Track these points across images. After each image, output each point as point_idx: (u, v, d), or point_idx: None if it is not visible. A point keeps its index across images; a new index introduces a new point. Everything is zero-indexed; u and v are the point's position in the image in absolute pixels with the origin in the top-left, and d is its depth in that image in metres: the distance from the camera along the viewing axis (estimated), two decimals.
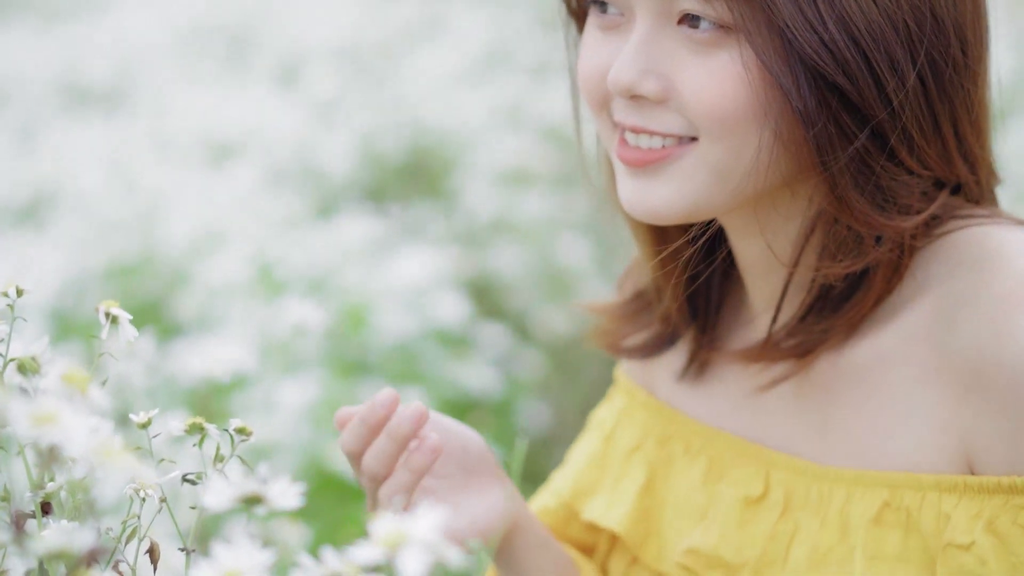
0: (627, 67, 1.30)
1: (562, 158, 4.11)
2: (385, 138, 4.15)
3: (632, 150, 1.32)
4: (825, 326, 1.35)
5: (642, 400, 1.56)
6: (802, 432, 1.40)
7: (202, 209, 3.38)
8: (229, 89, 4.34)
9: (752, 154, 1.29)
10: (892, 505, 1.32)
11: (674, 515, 1.48)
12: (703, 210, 1.33)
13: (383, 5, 5.17)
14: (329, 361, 3.05)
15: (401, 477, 1.37)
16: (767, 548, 1.39)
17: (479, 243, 3.90)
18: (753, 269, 1.42)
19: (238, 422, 1.16)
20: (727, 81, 1.27)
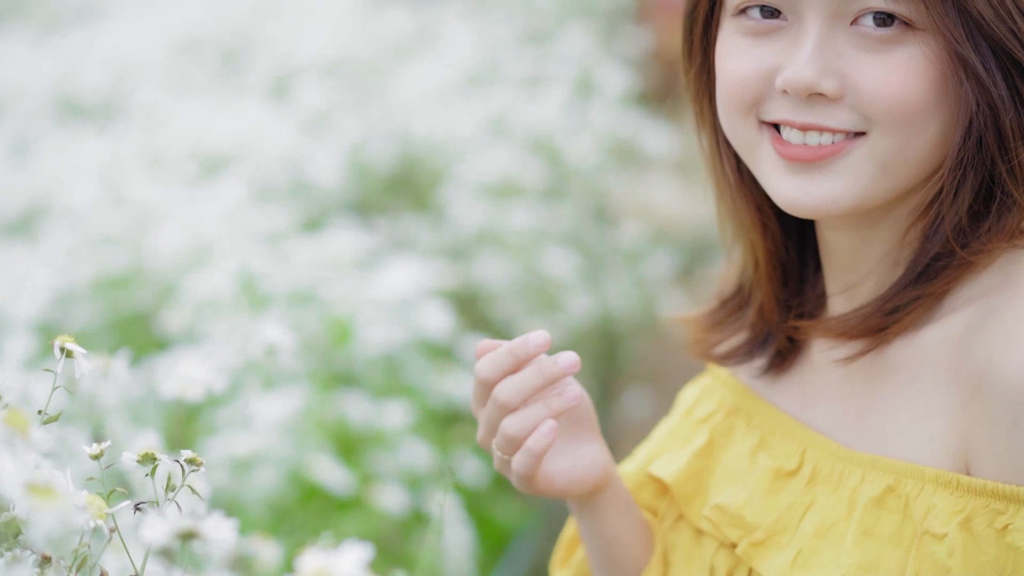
0: (806, 67, 1.38)
1: (548, 171, 4.16)
2: (374, 151, 4.20)
3: (799, 147, 1.41)
4: (914, 294, 1.44)
5: (724, 379, 1.66)
6: (841, 417, 1.50)
7: (191, 222, 3.42)
8: (221, 103, 4.38)
9: (918, 145, 1.39)
10: (895, 491, 1.41)
11: (721, 479, 1.58)
12: (866, 203, 1.42)
13: (373, 20, 5.21)
14: (314, 373, 3.09)
15: (535, 411, 1.46)
16: (783, 515, 1.49)
17: (465, 255, 3.94)
18: (840, 265, 1.52)
19: (189, 453, 1.21)
20: (908, 75, 1.37)
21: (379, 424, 3.06)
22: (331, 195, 4.00)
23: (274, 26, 5.17)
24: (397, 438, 3.07)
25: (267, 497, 2.70)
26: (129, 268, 3.43)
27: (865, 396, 1.48)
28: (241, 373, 2.69)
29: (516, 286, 3.90)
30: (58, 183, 3.84)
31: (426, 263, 3.55)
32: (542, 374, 1.45)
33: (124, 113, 4.55)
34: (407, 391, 3.27)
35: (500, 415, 1.47)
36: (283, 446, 2.77)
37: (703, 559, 1.58)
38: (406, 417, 3.07)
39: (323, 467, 2.84)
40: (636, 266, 4.34)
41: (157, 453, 1.23)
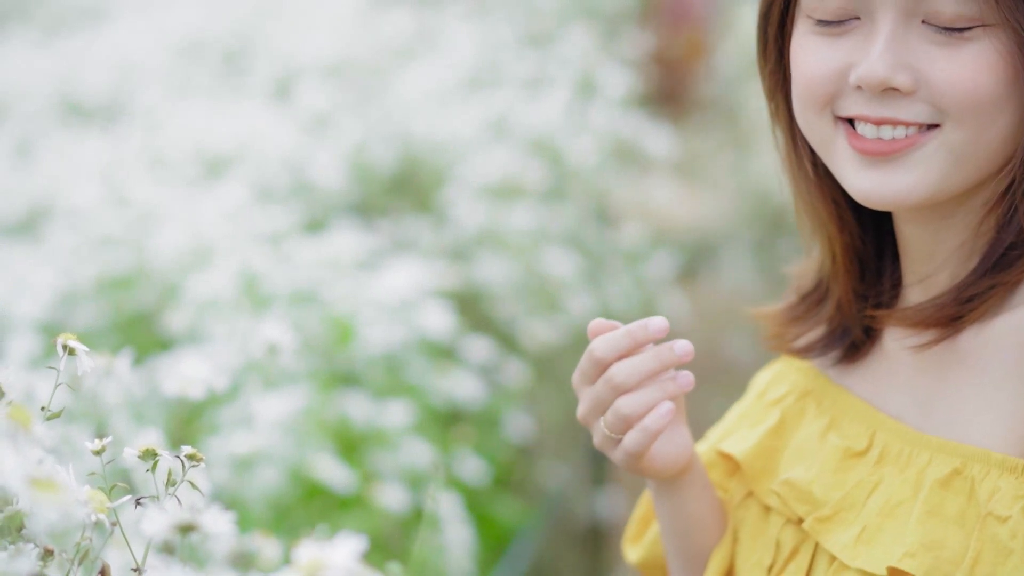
0: (880, 63, 1.44)
1: (549, 172, 4.18)
2: (375, 152, 4.22)
3: (874, 141, 1.47)
4: (990, 283, 1.49)
5: (797, 364, 1.70)
6: (911, 402, 1.55)
7: (193, 223, 3.44)
8: (222, 104, 4.40)
9: (990, 136, 1.44)
10: (961, 473, 1.46)
11: (790, 459, 1.63)
12: (940, 195, 1.48)
13: (374, 21, 5.23)
14: (316, 373, 3.11)
15: (651, 393, 1.52)
16: (850, 492, 1.54)
17: (466, 255, 3.96)
18: (916, 256, 1.57)
19: (190, 449, 1.22)
20: (979, 69, 1.42)
21: (380, 423, 3.08)
22: (332, 196, 4.02)
23: (275, 27, 5.19)
24: (398, 437, 3.09)
25: (268, 495, 2.72)
26: (131, 268, 3.45)
27: (935, 382, 1.53)
28: (243, 373, 2.71)
29: (517, 286, 3.92)
30: (61, 184, 3.85)
31: (427, 263, 3.57)
32: (659, 359, 1.51)
33: (126, 114, 4.57)
34: (408, 391, 3.29)
35: (614, 395, 1.52)
36: (284, 445, 2.79)
37: (769, 535, 1.63)
38: (407, 416, 3.09)
39: (324, 466, 2.86)
40: (636, 267, 4.36)
41: (158, 449, 1.24)
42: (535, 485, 4.17)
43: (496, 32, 5.12)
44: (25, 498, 0.86)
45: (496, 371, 3.70)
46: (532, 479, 4.15)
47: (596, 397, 1.54)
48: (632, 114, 4.49)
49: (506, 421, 3.67)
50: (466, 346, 3.56)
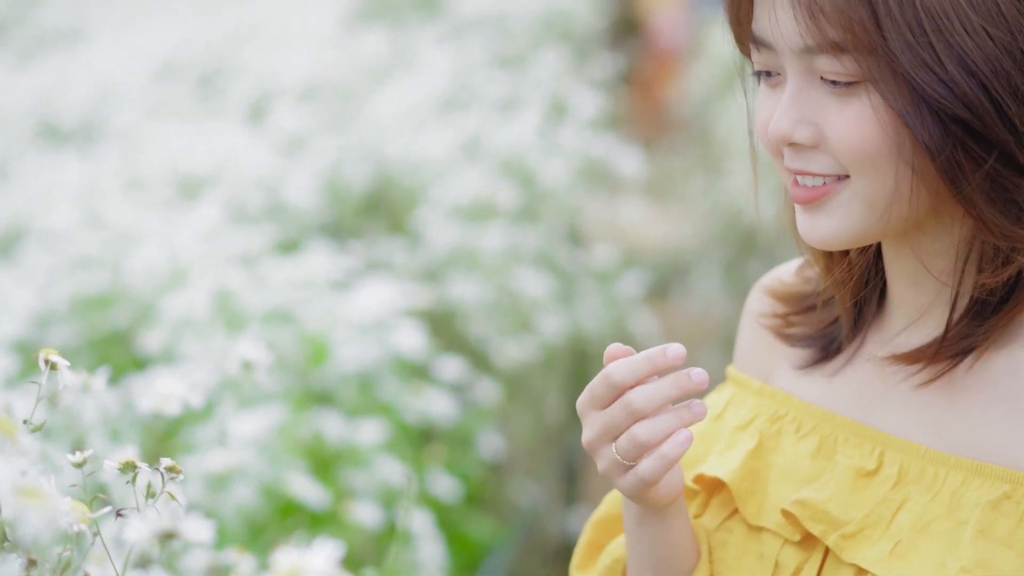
0: (782, 119, 1.49)
1: (521, 193, 4.22)
2: (349, 173, 4.26)
3: (800, 189, 1.51)
4: (986, 328, 1.52)
5: (755, 388, 1.72)
6: (919, 423, 1.57)
7: (169, 243, 3.47)
8: (198, 126, 4.43)
9: (898, 182, 1.46)
10: (1013, 497, 1.48)
11: (780, 479, 1.63)
12: (864, 237, 1.51)
13: (349, 44, 5.27)
14: (291, 391, 3.14)
15: (668, 421, 1.50)
16: (874, 510, 1.55)
17: (439, 275, 4.00)
18: (902, 282, 1.59)
19: (168, 461, 1.26)
20: (862, 125, 1.45)
21: (354, 441, 3.11)
22: (307, 216, 4.06)
23: (251, 50, 5.23)
24: (371, 455, 3.12)
25: (243, 512, 2.75)
26: (107, 288, 3.48)
27: (949, 405, 1.56)
28: (218, 391, 2.74)
29: (489, 306, 3.96)
30: (38, 205, 3.88)
31: (400, 283, 3.61)
32: (678, 386, 1.50)
33: (103, 136, 4.60)
34: (382, 409, 3.32)
35: (630, 420, 1.51)
36: (259, 463, 2.82)
37: (762, 555, 1.64)
38: (380, 434, 3.12)
39: (298, 483, 2.89)
40: (608, 286, 4.40)
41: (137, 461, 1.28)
42: (507, 503, 4.20)
43: (469, 54, 5.17)
44: (11, 507, 0.90)
45: (468, 390, 3.74)
46: (504, 497, 4.19)
47: (609, 422, 1.52)
48: (603, 135, 4.53)
49: (478, 439, 3.70)
50: (439, 365, 3.59)
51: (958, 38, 1.42)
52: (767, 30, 1.50)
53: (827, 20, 1.44)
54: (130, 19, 6.10)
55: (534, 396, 4.28)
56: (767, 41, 1.51)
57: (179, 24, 5.72)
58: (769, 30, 1.50)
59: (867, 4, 1.43)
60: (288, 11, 5.87)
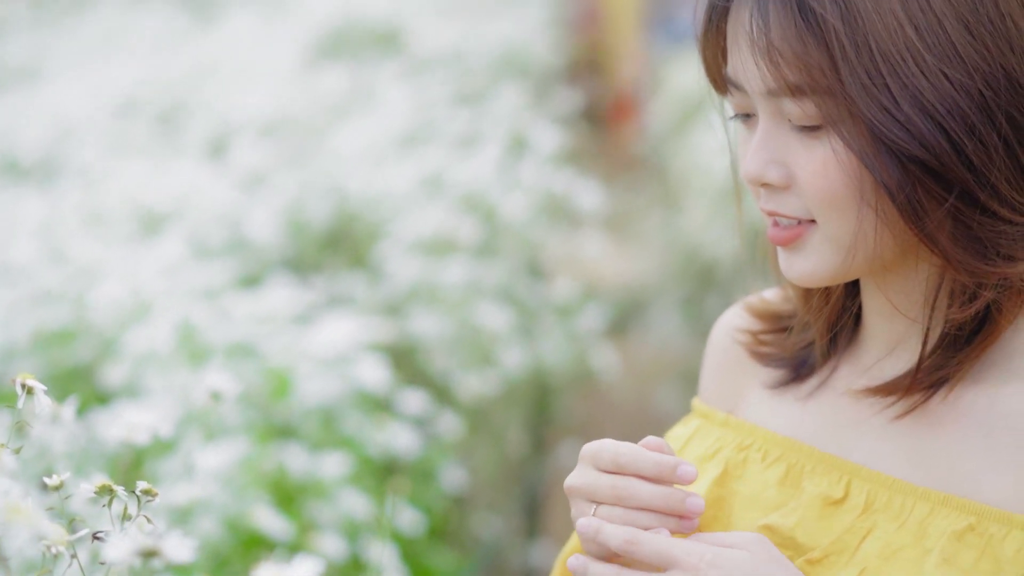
0: (753, 160, 1.53)
1: (482, 227, 4.24)
2: (310, 209, 4.27)
3: (777, 230, 1.54)
4: (958, 360, 1.54)
5: (720, 419, 1.74)
6: (891, 453, 1.59)
7: (131, 278, 3.47)
8: (159, 162, 4.44)
9: (868, 224, 1.49)
10: (977, 529, 1.50)
11: (745, 507, 1.65)
12: (838, 277, 1.54)
13: (310, 80, 5.29)
14: (254, 425, 3.15)
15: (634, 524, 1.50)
16: (840, 537, 1.56)
17: (401, 310, 4.01)
18: (876, 314, 1.62)
19: (145, 484, 1.27)
20: (827, 167, 1.48)
21: (318, 474, 3.12)
22: (268, 252, 4.07)
23: (211, 87, 5.24)
24: (335, 488, 3.13)
25: (208, 545, 2.75)
26: (70, 323, 3.48)
27: (925, 436, 1.57)
28: (182, 425, 2.75)
29: (451, 340, 3.98)
30: None
31: (362, 318, 3.62)
32: (667, 501, 1.51)
33: (64, 172, 4.60)
34: (345, 442, 3.33)
35: (609, 499, 1.51)
36: (223, 496, 2.82)
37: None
38: (344, 467, 3.13)
39: (263, 516, 2.90)
40: (568, 321, 4.42)
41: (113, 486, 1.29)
42: (470, 536, 4.21)
43: (429, 91, 5.20)
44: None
45: (431, 423, 3.75)
46: (466, 529, 4.20)
47: (594, 488, 1.52)
48: (563, 170, 4.57)
49: (441, 472, 3.71)
50: (401, 398, 3.60)
51: (914, 79, 1.45)
52: (738, 73, 1.54)
53: (785, 64, 1.47)
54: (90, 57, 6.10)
55: (496, 429, 4.30)
56: (739, 84, 1.54)
57: (139, 61, 5.73)
58: (740, 73, 1.53)
59: (824, 48, 1.46)
60: (247, 48, 5.89)
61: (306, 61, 5.68)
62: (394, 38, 6.36)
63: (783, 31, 1.47)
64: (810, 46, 1.46)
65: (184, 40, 6.23)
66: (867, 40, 1.45)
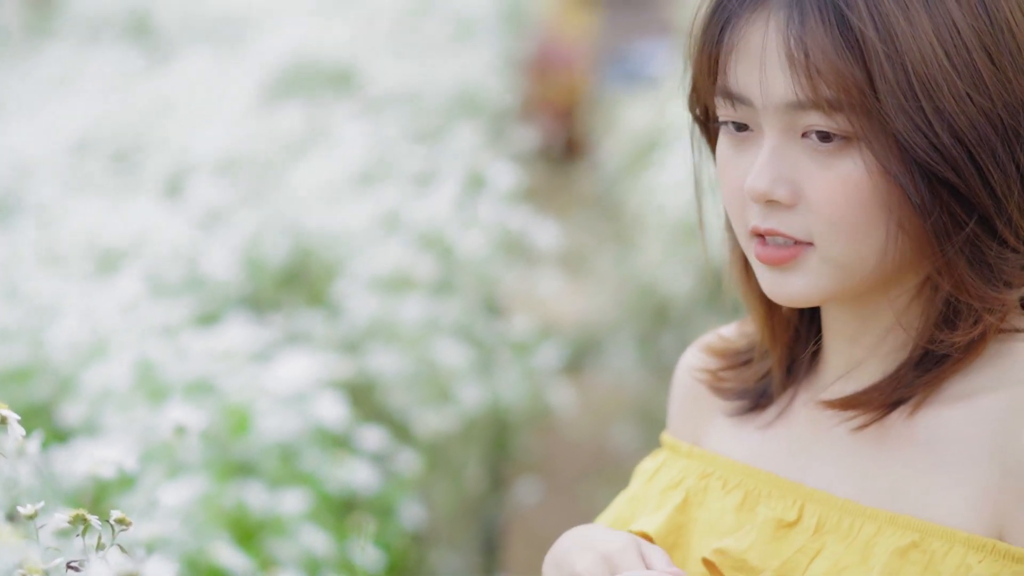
0: (762, 176, 1.53)
1: (439, 264, 4.26)
2: (268, 246, 4.28)
3: (769, 249, 1.55)
4: (925, 380, 1.57)
5: (684, 450, 1.77)
6: (844, 476, 1.62)
7: (89, 316, 3.47)
8: (115, 200, 4.44)
9: (869, 248, 1.52)
10: (920, 547, 1.53)
11: (703, 533, 1.68)
12: (830, 297, 1.57)
13: (266, 119, 5.30)
14: (212, 462, 3.15)
15: None
16: (791, 558, 1.59)
17: (359, 347, 4.02)
18: (840, 337, 1.64)
19: (119, 513, 1.28)
20: (850, 185, 1.50)
21: (277, 511, 3.12)
22: (226, 289, 4.07)
23: (166, 125, 5.25)
24: (295, 524, 3.13)
25: None
26: (27, 361, 3.47)
27: (875, 458, 1.60)
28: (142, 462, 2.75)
29: (409, 377, 3.98)
30: None
31: (320, 355, 3.62)
32: None
33: (19, 210, 4.59)
34: (304, 479, 3.33)
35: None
36: (183, 533, 2.82)
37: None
38: (303, 504, 3.13)
39: (222, 553, 2.89)
40: (525, 358, 4.43)
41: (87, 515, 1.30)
42: (429, 572, 4.21)
43: (384, 129, 5.22)
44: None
45: (389, 460, 3.75)
46: (426, 566, 4.19)
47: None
48: (519, 208, 4.59)
49: (400, 509, 3.71)
50: (360, 435, 3.61)
51: (946, 103, 1.48)
52: (749, 86, 1.54)
53: (823, 79, 1.49)
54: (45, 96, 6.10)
55: (454, 466, 4.30)
56: (745, 97, 1.55)
57: (94, 100, 5.72)
58: (751, 86, 1.54)
59: (862, 65, 1.48)
60: (202, 87, 5.90)
61: (261, 100, 5.69)
62: (348, 78, 6.38)
63: (822, 45, 1.49)
64: (849, 62, 1.49)
65: (139, 79, 6.24)
66: (903, 61, 1.48)
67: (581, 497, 5.24)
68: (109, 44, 7.13)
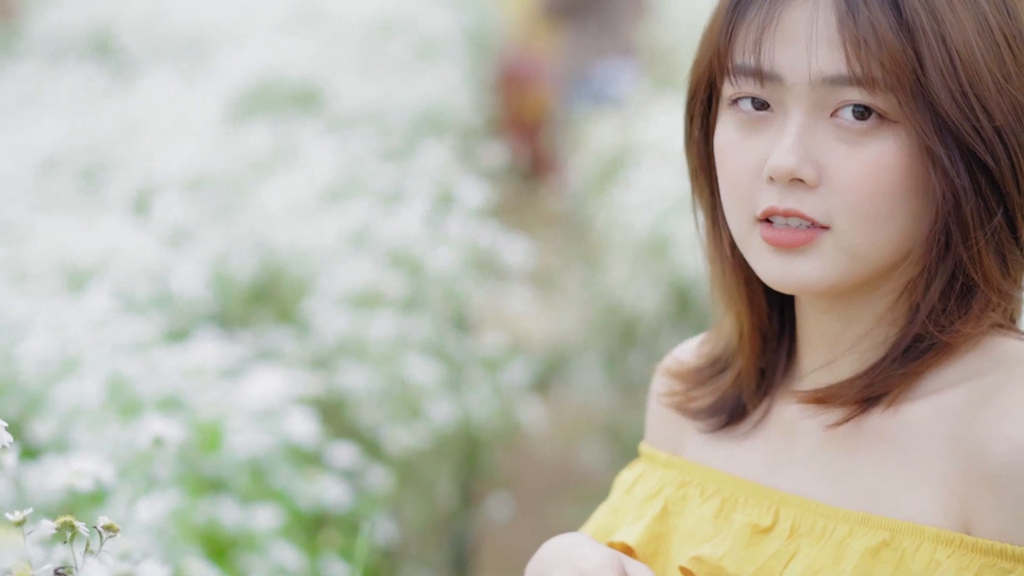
0: (789, 154, 1.54)
1: (409, 282, 4.26)
2: (237, 264, 4.27)
3: (782, 231, 1.56)
4: (902, 373, 1.59)
5: (663, 460, 1.79)
6: (819, 479, 1.64)
7: (58, 333, 3.46)
8: (83, 219, 4.43)
9: (885, 234, 1.54)
10: (891, 545, 1.55)
11: (682, 541, 1.70)
12: (844, 283, 1.58)
13: (233, 137, 5.30)
14: (184, 478, 3.14)
15: None
16: (766, 563, 1.61)
17: (329, 364, 4.02)
18: (818, 340, 1.66)
19: (106, 520, 1.28)
20: (880, 168, 1.53)
21: (249, 527, 3.11)
22: (195, 307, 4.06)
23: (134, 144, 5.24)
24: (267, 541, 3.13)
25: None
26: None
27: (846, 460, 1.62)
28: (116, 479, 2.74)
29: (379, 393, 3.98)
30: None
31: (291, 372, 3.62)
32: None
33: None
34: (275, 495, 3.33)
35: None
36: (156, 549, 2.81)
37: None
38: (275, 520, 3.13)
39: (195, 569, 2.89)
40: (495, 375, 4.44)
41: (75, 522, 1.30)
42: None
43: (352, 147, 5.22)
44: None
45: (360, 476, 3.75)
46: None
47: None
48: (489, 224, 4.59)
49: (370, 525, 3.71)
50: (331, 452, 3.60)
51: (987, 91, 1.53)
52: (783, 60, 1.55)
53: (875, 56, 1.52)
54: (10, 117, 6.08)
55: (425, 482, 4.30)
56: (775, 73, 1.56)
57: (60, 120, 5.71)
58: (787, 60, 1.55)
59: (913, 47, 1.52)
60: (168, 107, 5.89)
61: (227, 118, 5.69)
62: (314, 96, 6.38)
63: (879, 23, 1.52)
64: (904, 42, 1.52)
65: (104, 99, 6.22)
66: (950, 48, 1.52)
67: (549, 514, 5.24)
68: (73, 64, 7.10)
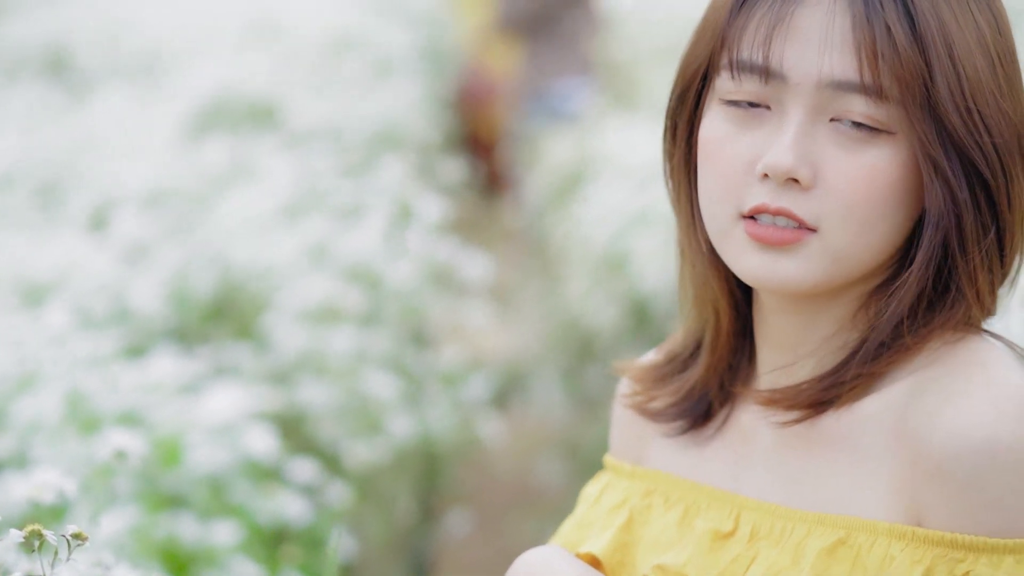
0: (789, 153, 1.55)
1: (368, 297, 4.26)
2: (195, 279, 4.26)
3: (769, 228, 1.57)
4: (855, 373, 1.61)
5: (627, 471, 1.80)
6: (777, 481, 1.65)
7: (16, 349, 3.45)
8: (40, 234, 4.42)
9: (869, 240, 1.57)
10: (847, 543, 1.56)
11: (647, 550, 1.71)
12: (824, 285, 1.60)
13: (191, 153, 5.30)
14: (143, 494, 3.13)
15: None
16: (727, 568, 1.63)
17: (288, 379, 4.01)
18: (778, 345, 1.67)
19: (75, 528, 1.28)
20: (875, 175, 1.55)
21: (209, 543, 3.11)
22: (153, 322, 4.05)
23: (91, 160, 5.22)
24: (226, 556, 3.12)
25: None
26: None
27: (802, 461, 1.64)
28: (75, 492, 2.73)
29: (339, 408, 3.98)
30: None
31: (250, 388, 3.62)
32: None
33: None
34: (234, 511, 3.32)
35: None
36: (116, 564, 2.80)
37: None
38: (234, 536, 3.12)
39: None
40: (454, 389, 4.44)
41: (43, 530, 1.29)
42: None
43: (310, 163, 5.22)
44: None
45: (320, 491, 3.74)
46: None
47: None
48: (447, 240, 4.60)
49: (330, 540, 3.70)
50: (290, 467, 3.60)
51: (987, 107, 1.55)
52: (790, 60, 1.57)
53: (887, 65, 1.54)
54: None
55: (385, 497, 4.29)
56: (780, 72, 1.57)
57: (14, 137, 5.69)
58: (793, 60, 1.57)
59: (924, 59, 1.54)
60: (124, 123, 5.88)
61: (184, 134, 5.68)
62: (271, 113, 6.38)
63: (894, 33, 1.54)
64: (916, 54, 1.54)
65: (60, 116, 6.20)
66: (956, 62, 1.55)
67: (508, 529, 5.24)
68: (29, 81, 7.08)
